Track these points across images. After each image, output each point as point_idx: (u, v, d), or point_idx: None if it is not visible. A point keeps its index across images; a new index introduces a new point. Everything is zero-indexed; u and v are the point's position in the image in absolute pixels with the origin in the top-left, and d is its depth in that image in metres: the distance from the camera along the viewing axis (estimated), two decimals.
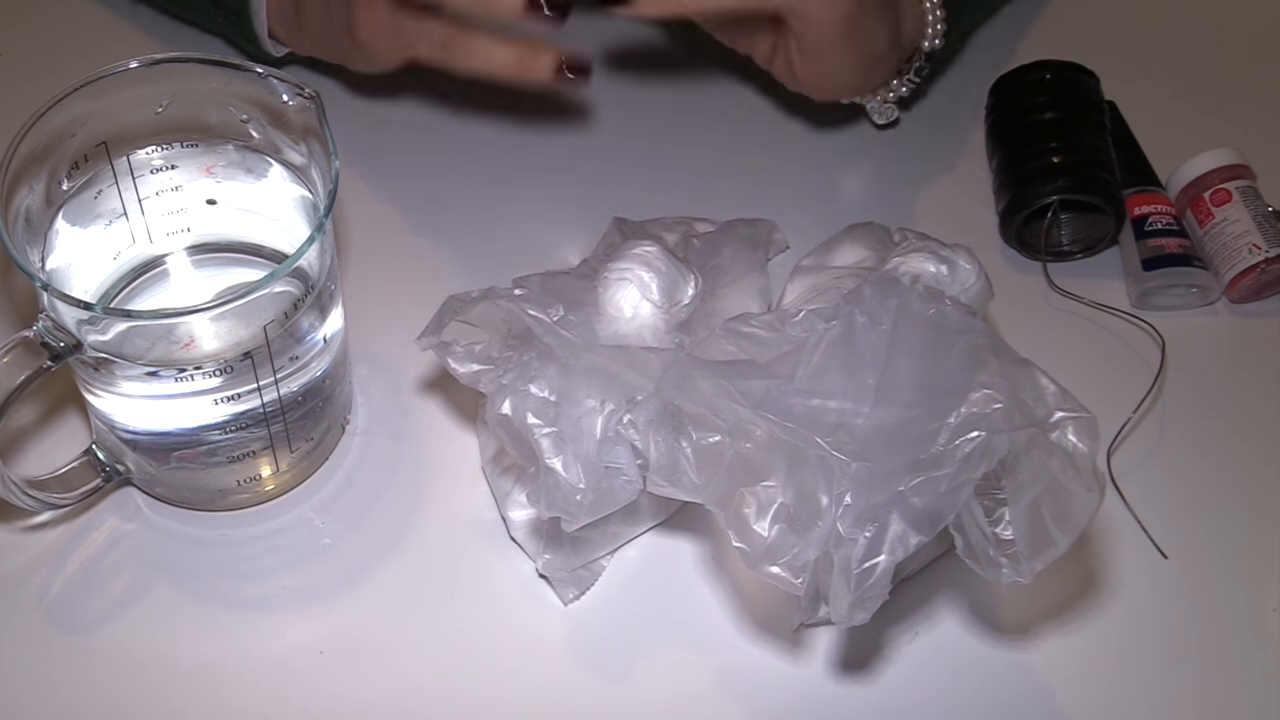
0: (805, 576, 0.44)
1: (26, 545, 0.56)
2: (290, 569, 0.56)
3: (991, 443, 0.43)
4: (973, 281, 0.52)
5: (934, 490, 0.43)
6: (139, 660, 0.53)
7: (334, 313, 0.54)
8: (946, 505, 0.43)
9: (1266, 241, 0.65)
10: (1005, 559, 0.45)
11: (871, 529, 0.43)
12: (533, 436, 0.48)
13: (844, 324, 0.45)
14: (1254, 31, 0.80)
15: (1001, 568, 0.45)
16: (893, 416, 0.44)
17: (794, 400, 0.44)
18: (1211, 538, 0.59)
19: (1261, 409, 0.64)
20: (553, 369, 0.48)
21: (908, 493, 0.43)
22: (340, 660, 0.54)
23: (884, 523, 0.43)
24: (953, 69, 0.75)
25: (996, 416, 0.43)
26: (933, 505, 0.43)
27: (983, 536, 0.45)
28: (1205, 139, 0.70)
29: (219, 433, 0.52)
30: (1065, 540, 0.44)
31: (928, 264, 0.51)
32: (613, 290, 0.51)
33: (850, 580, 0.43)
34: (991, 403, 0.44)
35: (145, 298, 0.55)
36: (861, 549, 0.43)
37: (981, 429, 0.43)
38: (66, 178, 0.52)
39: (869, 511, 0.43)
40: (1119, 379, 0.63)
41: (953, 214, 0.69)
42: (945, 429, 0.43)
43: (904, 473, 0.43)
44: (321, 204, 0.51)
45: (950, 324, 0.45)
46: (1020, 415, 0.44)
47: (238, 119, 0.53)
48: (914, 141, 0.72)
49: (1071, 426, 0.44)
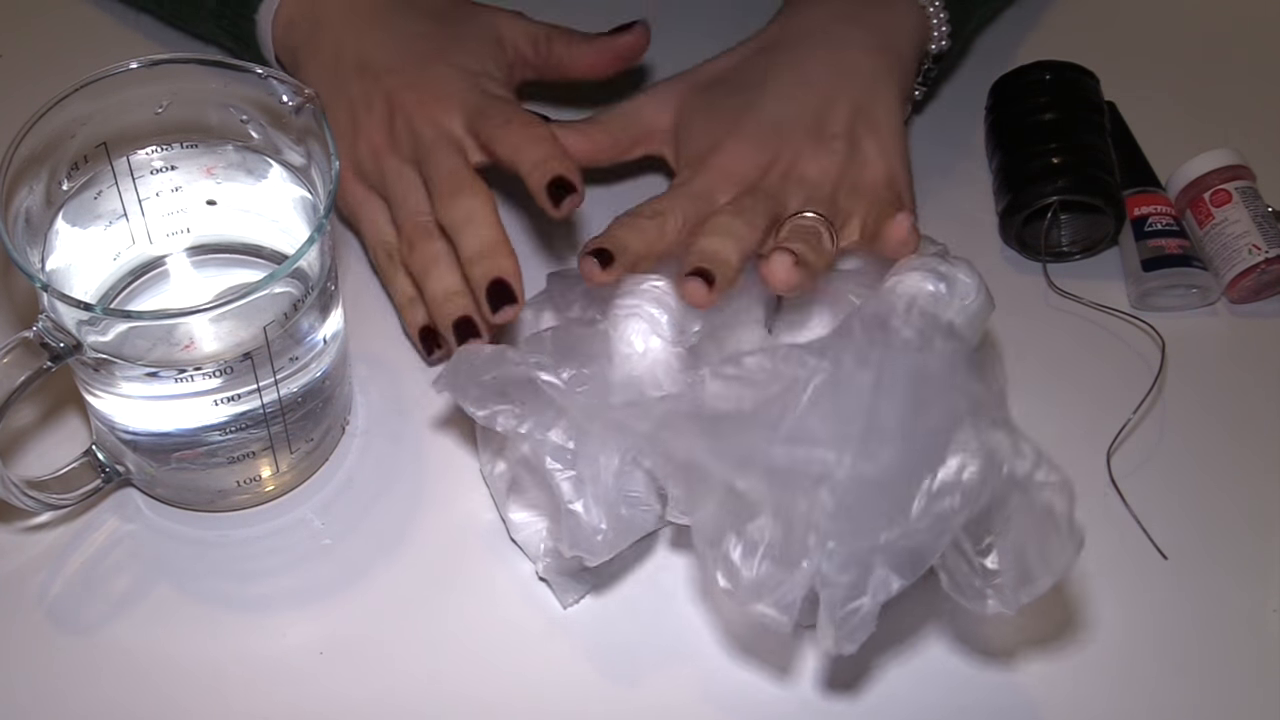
0: (792, 615, 0.45)
1: (26, 545, 0.56)
2: (290, 569, 0.56)
3: (969, 501, 0.45)
4: (973, 298, 0.51)
5: (915, 541, 0.44)
6: (139, 660, 0.53)
7: (334, 313, 0.54)
8: (928, 551, 0.44)
9: (1266, 242, 0.65)
10: (991, 589, 0.46)
11: (854, 572, 0.44)
12: (553, 481, 0.49)
13: (832, 364, 0.46)
14: (1254, 32, 0.80)
15: (987, 599, 0.46)
16: (873, 471, 0.45)
17: (778, 450, 0.45)
18: (1211, 539, 0.59)
19: (1261, 409, 0.64)
20: (567, 419, 0.49)
21: (889, 542, 0.44)
22: (340, 660, 0.54)
23: (867, 566, 0.44)
24: (953, 69, 0.75)
25: (972, 483, 0.45)
26: (915, 551, 0.44)
27: (969, 568, 0.46)
28: (1205, 139, 0.70)
29: (219, 433, 0.52)
30: (1048, 579, 0.45)
31: (925, 283, 0.51)
32: (622, 328, 0.51)
33: (835, 620, 0.44)
34: (966, 469, 0.45)
35: (145, 298, 0.55)
36: (844, 592, 0.44)
37: (955, 495, 0.44)
38: (66, 178, 0.52)
39: (852, 557, 0.44)
40: (1119, 379, 0.63)
41: (952, 214, 0.69)
42: (921, 493, 0.45)
43: (885, 525, 0.44)
44: (321, 205, 0.51)
45: (932, 376, 0.46)
46: (998, 476, 0.45)
47: (238, 120, 0.53)
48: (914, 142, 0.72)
49: (1050, 489, 0.45)
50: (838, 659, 0.54)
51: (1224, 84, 0.77)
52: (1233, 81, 0.77)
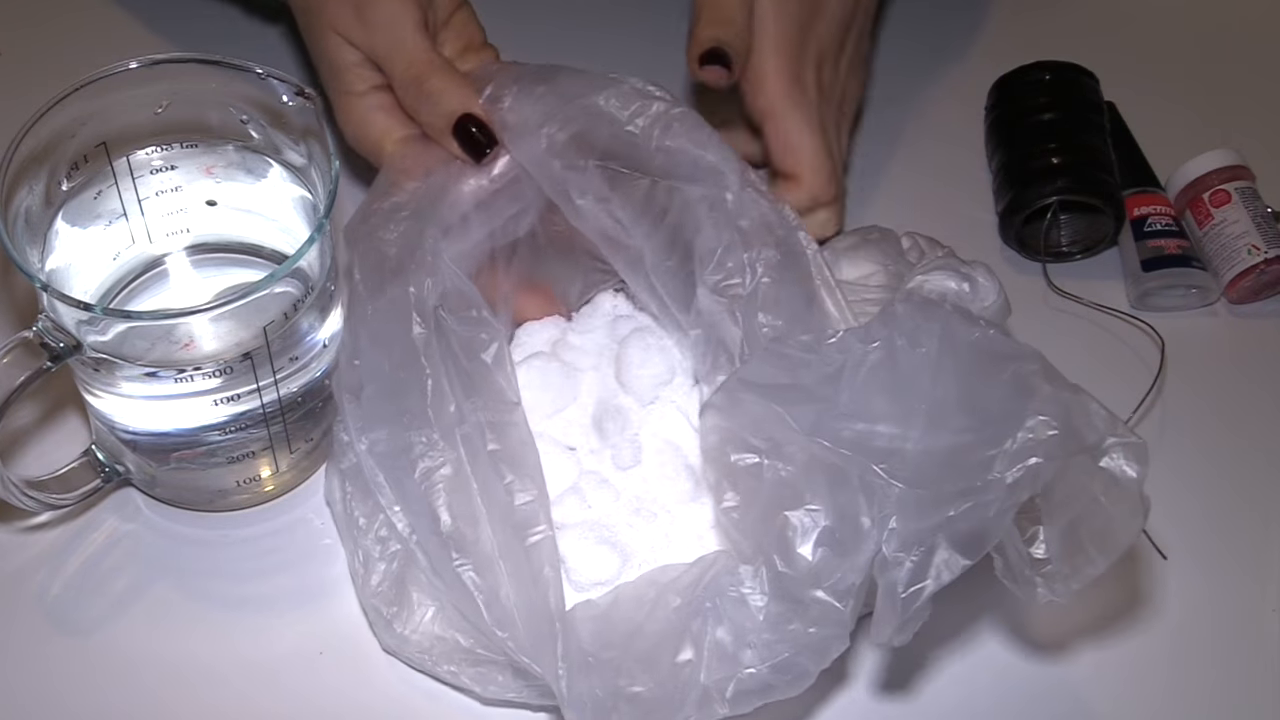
0: (850, 601, 0.44)
1: (26, 545, 0.56)
2: (290, 569, 0.56)
3: (1042, 468, 0.43)
4: (993, 299, 0.51)
5: (981, 515, 0.43)
6: (139, 660, 0.53)
7: (334, 314, 0.54)
8: (993, 529, 0.43)
9: (1265, 242, 0.65)
10: (1040, 578, 0.45)
11: (918, 553, 0.43)
12: None
13: (884, 346, 0.45)
14: (1253, 32, 0.80)
15: (1037, 587, 0.45)
16: (944, 442, 0.44)
17: (842, 425, 0.44)
18: (1211, 538, 0.59)
19: (1261, 409, 0.64)
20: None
21: (956, 518, 0.43)
22: (340, 660, 0.54)
23: (930, 547, 0.43)
24: (953, 69, 0.75)
25: (1052, 443, 0.43)
26: (979, 529, 0.43)
27: (1019, 557, 0.45)
28: (1205, 139, 0.70)
29: (218, 433, 0.52)
30: (1104, 560, 0.44)
31: (949, 281, 0.51)
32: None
33: (897, 605, 0.43)
34: (1047, 429, 0.43)
35: (145, 298, 0.55)
36: (908, 573, 0.43)
37: (1038, 455, 0.43)
38: (66, 178, 0.52)
39: (915, 535, 0.43)
40: (1119, 380, 0.63)
41: (952, 214, 0.69)
42: (1001, 456, 0.43)
43: (954, 499, 0.43)
44: (321, 205, 0.51)
45: (997, 349, 0.45)
46: (1074, 441, 0.44)
47: (238, 119, 0.53)
48: (914, 142, 0.72)
49: (1123, 451, 0.44)
50: (889, 655, 0.54)
51: (1224, 84, 0.77)
52: (1233, 81, 0.77)
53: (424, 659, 0.50)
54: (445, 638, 0.50)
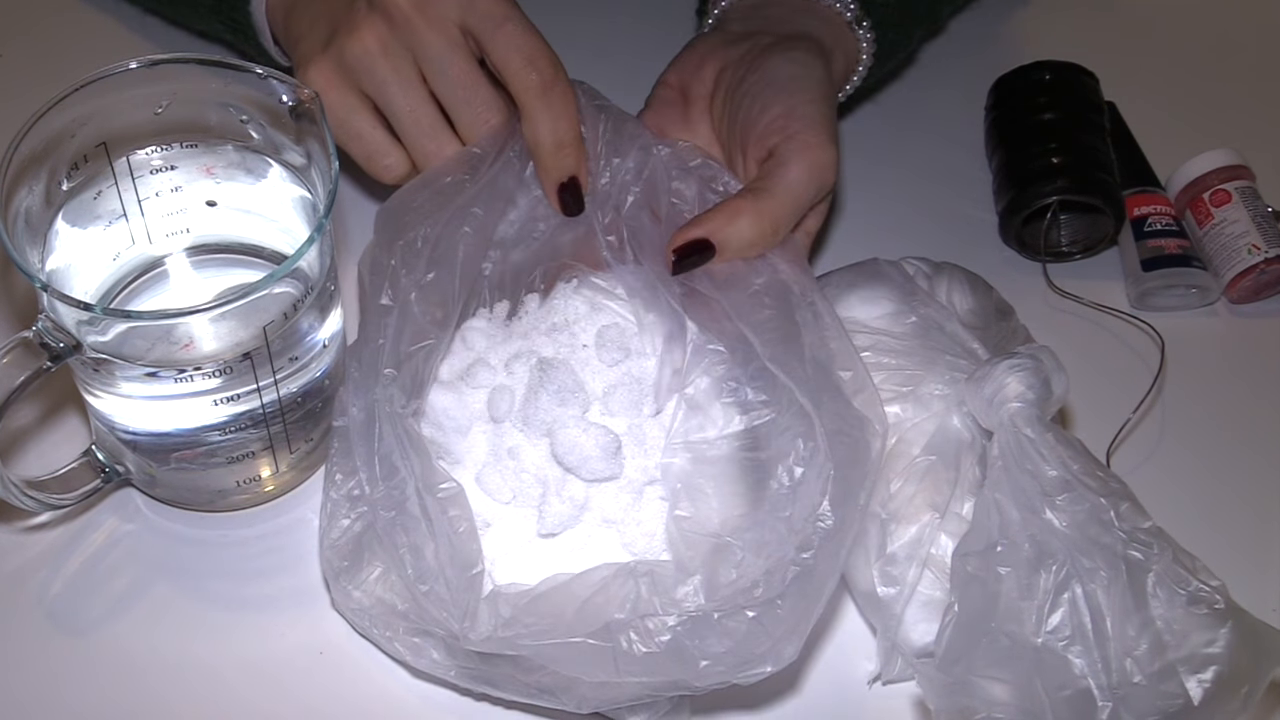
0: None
1: (26, 545, 0.56)
2: (290, 569, 0.56)
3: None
4: (1063, 389, 0.51)
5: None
6: (139, 660, 0.53)
7: (333, 314, 0.54)
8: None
9: (1266, 242, 0.65)
10: None
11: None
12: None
13: (1084, 589, 0.47)
14: (1254, 32, 0.80)
15: None
16: (1138, 671, 0.46)
17: (1039, 645, 0.46)
18: (1211, 538, 0.59)
19: (1261, 409, 0.64)
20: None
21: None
22: (340, 660, 0.54)
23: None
24: (953, 69, 0.75)
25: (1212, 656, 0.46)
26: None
27: None
28: (1205, 139, 0.70)
29: (218, 433, 0.52)
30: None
31: (1023, 386, 0.50)
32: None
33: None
34: (1204, 648, 0.46)
35: (145, 298, 0.55)
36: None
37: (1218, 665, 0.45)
38: (66, 178, 0.52)
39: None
40: (1119, 379, 0.63)
41: (952, 215, 0.69)
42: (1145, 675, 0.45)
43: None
44: (321, 205, 0.51)
45: (1143, 564, 0.47)
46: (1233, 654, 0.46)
47: (237, 120, 0.53)
48: (914, 142, 0.72)
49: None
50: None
51: (1224, 84, 0.77)
52: (1233, 81, 0.77)
53: (364, 620, 0.51)
54: (385, 600, 0.51)
